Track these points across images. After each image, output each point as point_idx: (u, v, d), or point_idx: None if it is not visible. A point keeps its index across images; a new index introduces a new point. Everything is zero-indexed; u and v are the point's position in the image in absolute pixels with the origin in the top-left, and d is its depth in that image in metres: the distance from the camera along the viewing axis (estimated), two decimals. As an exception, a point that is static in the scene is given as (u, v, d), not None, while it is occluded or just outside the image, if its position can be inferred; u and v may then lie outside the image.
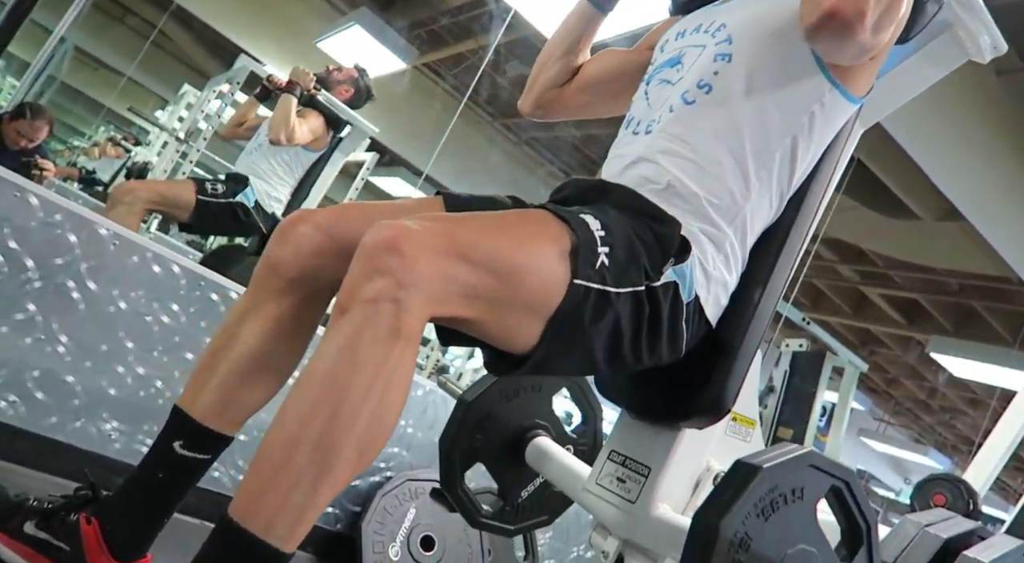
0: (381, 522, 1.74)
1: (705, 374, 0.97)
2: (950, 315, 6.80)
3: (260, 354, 0.91)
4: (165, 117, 6.84)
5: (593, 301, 0.81)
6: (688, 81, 1.00)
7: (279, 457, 0.68)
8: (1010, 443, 2.47)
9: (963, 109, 3.60)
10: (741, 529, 0.76)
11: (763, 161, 0.96)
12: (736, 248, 0.96)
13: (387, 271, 0.69)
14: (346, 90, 3.23)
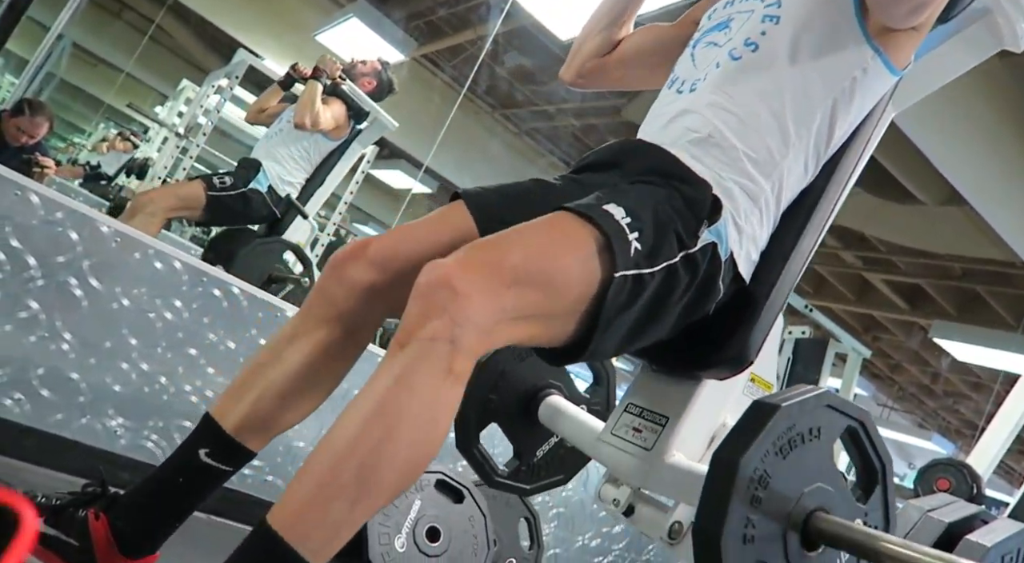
0: (386, 514, 1.75)
1: (731, 327, 1.00)
2: (953, 300, 6.80)
3: (301, 378, 0.94)
4: (164, 113, 6.83)
5: (631, 286, 0.84)
6: (735, 41, 1.03)
7: (324, 473, 0.70)
8: (1013, 427, 2.48)
9: (966, 93, 3.58)
10: (760, 466, 0.77)
11: (803, 121, 0.99)
12: (771, 204, 0.99)
13: (443, 311, 0.73)
14: (369, 82, 3.27)
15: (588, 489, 2.22)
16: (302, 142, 3.11)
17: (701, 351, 1.01)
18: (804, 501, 0.80)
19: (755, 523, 0.77)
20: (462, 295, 0.73)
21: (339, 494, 0.69)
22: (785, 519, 0.79)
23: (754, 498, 0.77)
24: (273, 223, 3.12)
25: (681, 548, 1.06)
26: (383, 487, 0.71)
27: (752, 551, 0.76)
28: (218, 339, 1.61)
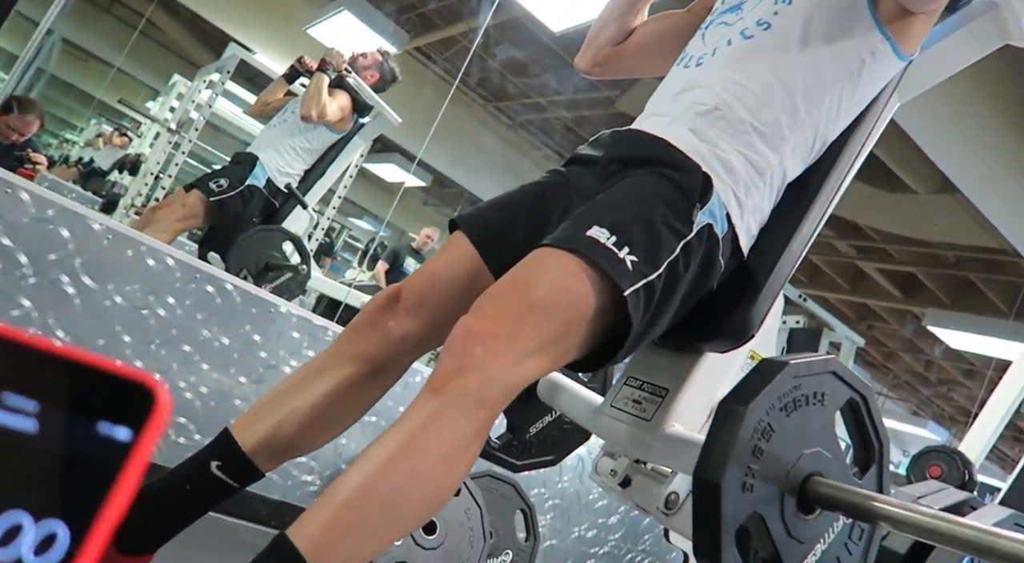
0: (383, 507, 1.76)
1: (733, 300, 1.01)
2: (947, 288, 6.83)
3: (323, 410, 0.97)
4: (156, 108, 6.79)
5: (646, 296, 0.87)
6: (748, 19, 1.05)
7: (351, 500, 0.73)
8: (1004, 414, 2.50)
9: (959, 82, 3.58)
10: (765, 418, 0.79)
11: (813, 100, 1.00)
12: (776, 178, 1.01)
13: (474, 367, 0.79)
14: (372, 75, 3.28)
15: (584, 481, 2.24)
16: (306, 133, 3.12)
17: (704, 323, 1.03)
18: (803, 463, 0.81)
19: (755, 473, 0.78)
20: (492, 352, 0.80)
21: (362, 523, 0.73)
22: (784, 478, 0.80)
23: (756, 449, 0.78)
24: (272, 212, 3.13)
25: (677, 519, 1.07)
26: (402, 521, 0.76)
27: (749, 501, 0.77)
28: (212, 335, 1.61)
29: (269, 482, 1.69)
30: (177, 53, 8.75)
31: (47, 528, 0.18)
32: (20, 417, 0.19)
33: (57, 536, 0.18)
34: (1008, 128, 3.87)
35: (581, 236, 0.87)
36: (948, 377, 9.37)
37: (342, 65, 3.07)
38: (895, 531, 0.76)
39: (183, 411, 1.58)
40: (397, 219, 8.88)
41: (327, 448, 1.77)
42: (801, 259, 1.06)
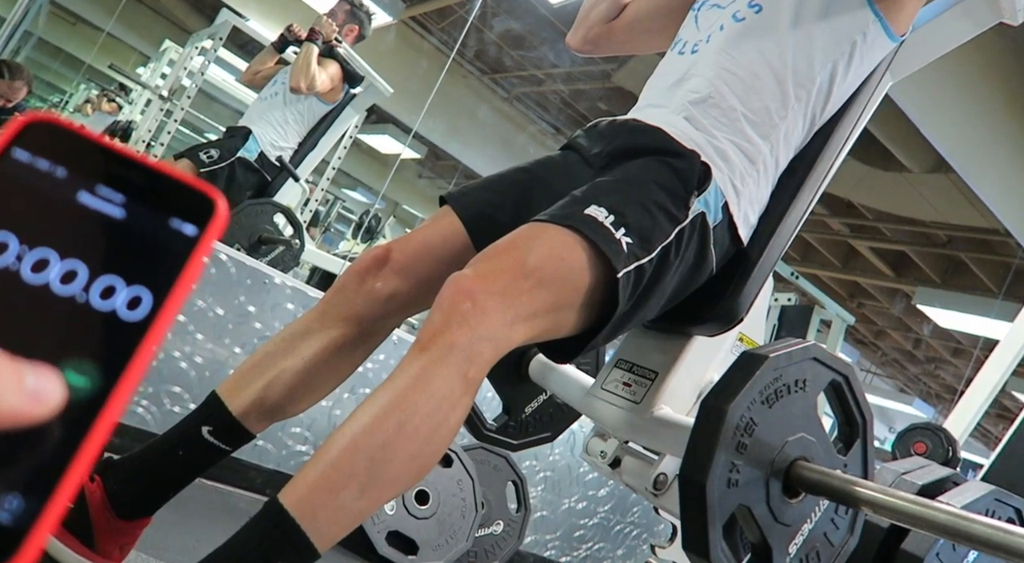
0: (376, 477, 1.78)
1: (722, 285, 1.02)
2: (938, 266, 6.87)
3: (313, 372, 0.97)
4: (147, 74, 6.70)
5: (635, 278, 0.87)
6: (740, 3, 1.04)
7: (339, 460, 0.73)
8: (989, 392, 2.53)
9: (955, 61, 3.58)
10: (747, 414, 0.80)
11: (803, 83, 1.01)
12: (770, 165, 1.01)
13: (464, 322, 0.78)
14: (351, 30, 3.22)
15: (575, 453, 2.27)
16: (296, 105, 3.08)
17: (693, 307, 1.03)
18: (787, 449, 0.83)
19: (739, 468, 0.79)
20: (481, 308, 0.79)
21: (349, 482, 0.72)
22: (768, 466, 0.82)
23: (740, 445, 0.79)
24: (263, 185, 3.11)
25: (665, 499, 1.09)
26: (391, 479, 0.75)
27: (736, 494, 0.79)
28: (207, 305, 1.62)
29: (264, 451, 1.71)
30: (168, 18, 8.60)
31: (135, 291, 0.23)
32: (111, 205, 0.23)
33: (142, 298, 0.22)
34: (1004, 108, 3.87)
35: (579, 213, 0.87)
36: (936, 355, 9.47)
37: (332, 34, 3.03)
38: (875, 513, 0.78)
39: (177, 380, 1.59)
40: (392, 192, 8.83)
41: (322, 418, 1.79)
42: (791, 242, 1.07)
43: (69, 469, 0.20)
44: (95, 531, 0.88)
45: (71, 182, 0.23)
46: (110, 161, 0.23)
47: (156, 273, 0.23)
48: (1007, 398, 8.23)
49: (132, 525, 0.91)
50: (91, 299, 0.22)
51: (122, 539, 0.90)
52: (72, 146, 0.23)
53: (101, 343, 0.22)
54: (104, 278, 0.22)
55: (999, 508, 1.07)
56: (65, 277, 0.22)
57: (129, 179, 0.23)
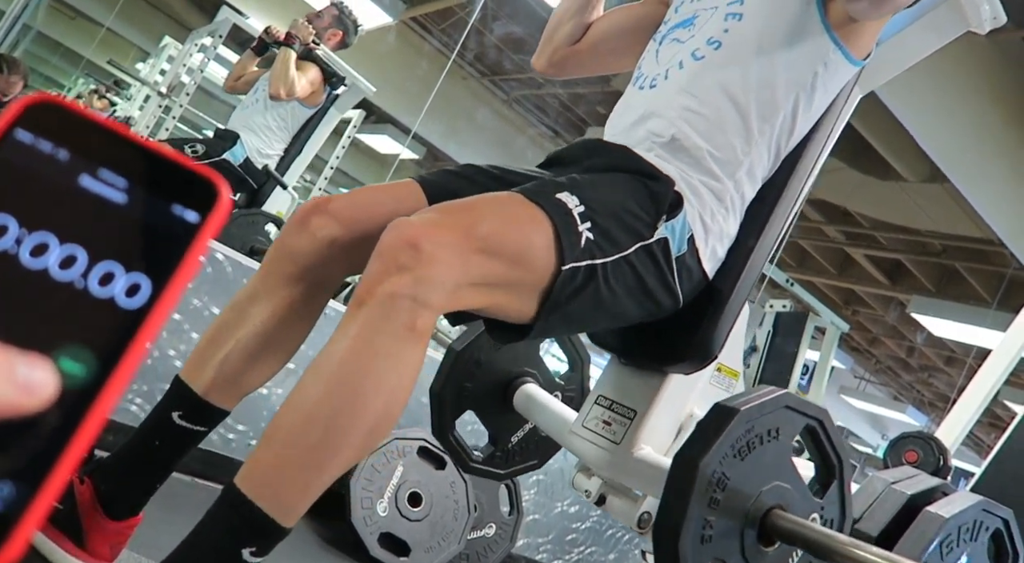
0: (369, 479, 1.78)
1: (694, 321, 1.00)
2: (932, 275, 6.89)
3: (268, 336, 0.94)
4: (146, 70, 6.69)
5: (584, 277, 0.84)
6: (699, 39, 1.03)
7: (291, 435, 0.70)
8: (981, 402, 2.54)
9: (950, 70, 3.59)
10: (719, 469, 0.80)
11: (766, 117, 1.00)
12: (736, 200, 1.01)
13: (406, 268, 0.71)
14: (334, 35, 3.18)
15: (568, 457, 2.27)
16: (278, 110, 3.04)
17: (666, 347, 1.03)
18: (762, 499, 0.83)
19: (713, 523, 0.79)
20: (427, 255, 0.72)
21: (307, 457, 0.70)
22: (742, 516, 0.82)
23: (712, 500, 0.79)
24: (252, 194, 3.09)
25: (651, 536, 1.09)
26: (350, 447, 0.71)
27: (709, 549, 0.79)
28: (202, 304, 1.62)
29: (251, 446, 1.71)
30: (169, 14, 8.59)
31: (134, 278, 0.22)
32: (113, 190, 0.23)
33: (141, 286, 0.22)
34: (999, 119, 3.89)
35: (550, 195, 0.86)
36: (929, 363, 9.50)
37: (309, 37, 2.97)
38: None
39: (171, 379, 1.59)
40: (388, 191, 8.80)
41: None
42: (761, 272, 1.06)
43: (62, 457, 0.20)
44: (86, 531, 0.88)
45: (73, 165, 0.22)
46: (114, 144, 0.23)
47: (156, 260, 0.22)
48: (999, 407, 8.26)
49: (123, 525, 0.91)
50: (90, 285, 0.22)
51: (113, 539, 0.90)
52: (75, 128, 0.23)
53: (98, 330, 0.21)
54: (104, 264, 0.22)
55: (987, 519, 1.08)
56: (64, 262, 0.22)
57: (132, 163, 0.23)
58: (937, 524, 1.02)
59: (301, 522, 1.97)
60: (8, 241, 0.21)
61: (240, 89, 3.29)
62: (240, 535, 0.71)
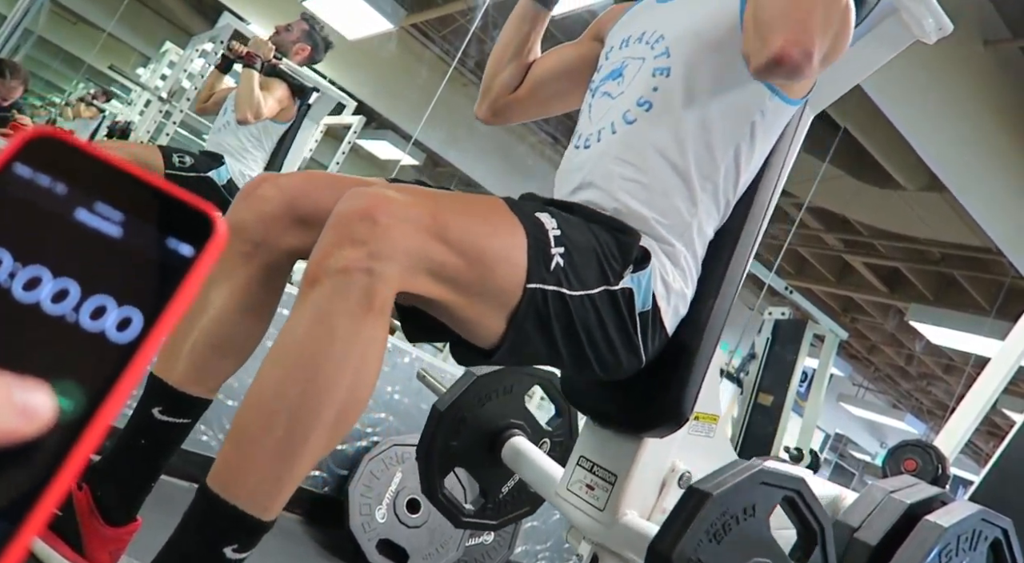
0: (368, 485, 1.78)
1: (663, 383, 0.98)
2: (931, 284, 6.90)
3: (229, 320, 0.92)
4: (147, 75, 6.70)
5: (551, 303, 0.82)
6: (628, 98, 0.99)
7: (256, 429, 0.69)
8: (980, 410, 2.54)
9: (949, 79, 3.61)
10: (694, 555, 0.78)
11: (707, 173, 0.96)
12: (690, 260, 0.97)
13: (360, 240, 0.68)
14: (302, 50, 3.09)
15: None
16: (250, 130, 2.97)
17: (637, 412, 1.01)
18: None
19: None
20: (383, 227, 0.69)
21: (274, 451, 0.68)
22: None
23: None
24: None
25: None
26: (319, 436, 0.69)
27: None
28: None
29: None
30: (170, 20, 8.61)
31: (126, 312, 0.22)
32: (108, 223, 0.23)
33: (132, 320, 0.22)
34: (998, 128, 3.91)
35: (530, 211, 0.85)
36: (928, 371, 9.50)
37: (269, 54, 2.87)
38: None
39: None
40: (388, 196, 8.82)
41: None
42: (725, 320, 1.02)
43: (46, 491, 0.20)
44: (84, 538, 0.88)
45: (70, 199, 0.23)
46: (111, 178, 0.23)
47: (149, 294, 0.22)
48: (998, 415, 8.26)
49: (121, 531, 0.91)
50: (81, 319, 0.22)
51: (112, 545, 0.90)
52: (74, 162, 0.23)
53: (88, 364, 0.21)
54: (95, 298, 0.22)
55: (986, 528, 1.08)
56: (56, 296, 0.22)
57: (129, 196, 0.23)
58: (936, 533, 1.02)
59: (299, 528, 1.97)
60: (2, 275, 0.22)
61: (210, 110, 3.22)
62: (219, 534, 0.70)
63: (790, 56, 0.79)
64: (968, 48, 3.48)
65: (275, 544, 1.62)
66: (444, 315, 0.80)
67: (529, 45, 1.23)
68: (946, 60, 3.50)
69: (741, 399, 4.59)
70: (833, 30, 0.82)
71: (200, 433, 1.75)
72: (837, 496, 1.37)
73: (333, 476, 1.90)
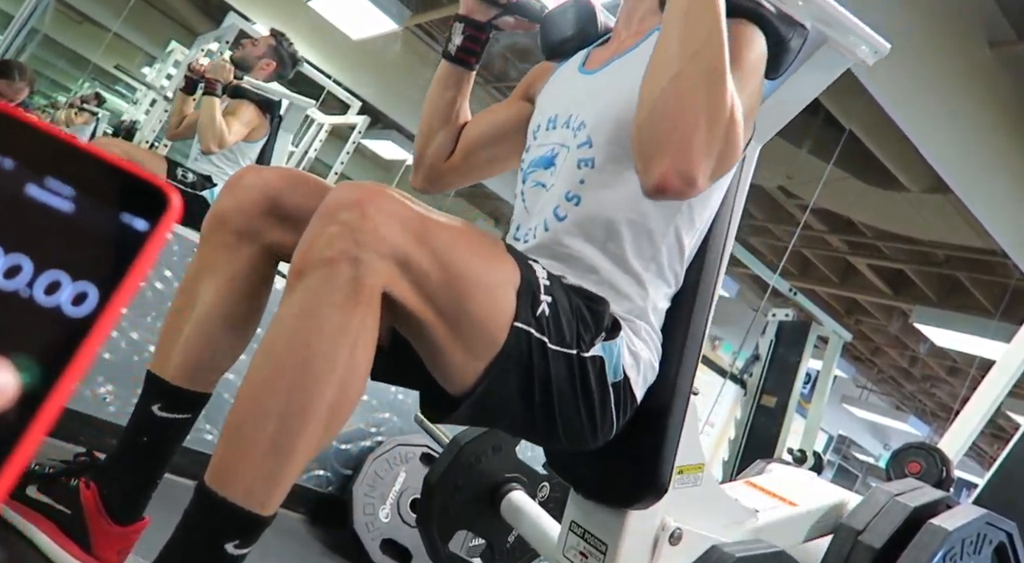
0: (372, 485, 1.79)
1: (638, 457, 0.97)
2: (935, 286, 6.89)
3: (219, 314, 0.91)
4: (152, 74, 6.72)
5: (534, 350, 0.80)
6: (558, 192, 0.97)
7: (249, 426, 0.69)
8: (985, 413, 2.54)
9: (954, 82, 3.60)
10: None
11: (650, 257, 0.94)
12: (651, 331, 0.96)
13: (346, 230, 0.68)
14: (267, 65, 3.00)
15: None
16: (224, 154, 2.89)
17: (616, 485, 1.00)
18: None
19: None
20: (370, 218, 0.68)
21: (268, 447, 0.68)
22: None
23: None
24: None
25: None
26: (313, 431, 0.69)
27: None
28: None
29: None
30: (176, 19, 8.63)
31: (81, 287, 0.22)
32: (59, 199, 0.23)
33: (88, 294, 0.22)
34: (1002, 131, 3.90)
35: (523, 258, 0.84)
36: (932, 374, 9.48)
37: (229, 76, 2.77)
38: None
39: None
40: (392, 196, 8.82)
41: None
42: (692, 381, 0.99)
43: (5, 468, 0.20)
44: (92, 537, 0.89)
45: (19, 174, 0.22)
46: (61, 152, 0.23)
47: (104, 268, 0.22)
48: (1002, 418, 8.23)
49: (128, 530, 0.92)
50: (35, 294, 0.22)
51: (119, 544, 0.90)
52: (22, 136, 0.23)
53: (44, 340, 0.21)
54: (49, 273, 0.22)
55: (991, 532, 1.08)
56: (9, 272, 0.22)
57: (80, 171, 0.23)
58: (940, 537, 1.02)
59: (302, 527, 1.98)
60: None
61: (184, 135, 3.14)
62: (220, 531, 0.70)
63: (672, 185, 0.76)
64: (973, 50, 3.47)
65: (278, 543, 1.63)
66: (422, 343, 0.78)
67: (456, 109, 1.19)
68: (951, 62, 3.49)
69: (744, 400, 4.59)
70: (718, 148, 0.77)
71: (204, 432, 1.75)
72: (841, 499, 1.37)
73: (337, 475, 1.91)
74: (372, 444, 1.93)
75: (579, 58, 1.11)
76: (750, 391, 4.57)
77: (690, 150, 0.75)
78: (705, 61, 0.76)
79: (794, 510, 1.24)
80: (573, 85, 1.06)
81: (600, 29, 1.14)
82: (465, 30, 1.14)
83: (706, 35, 0.77)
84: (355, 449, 1.95)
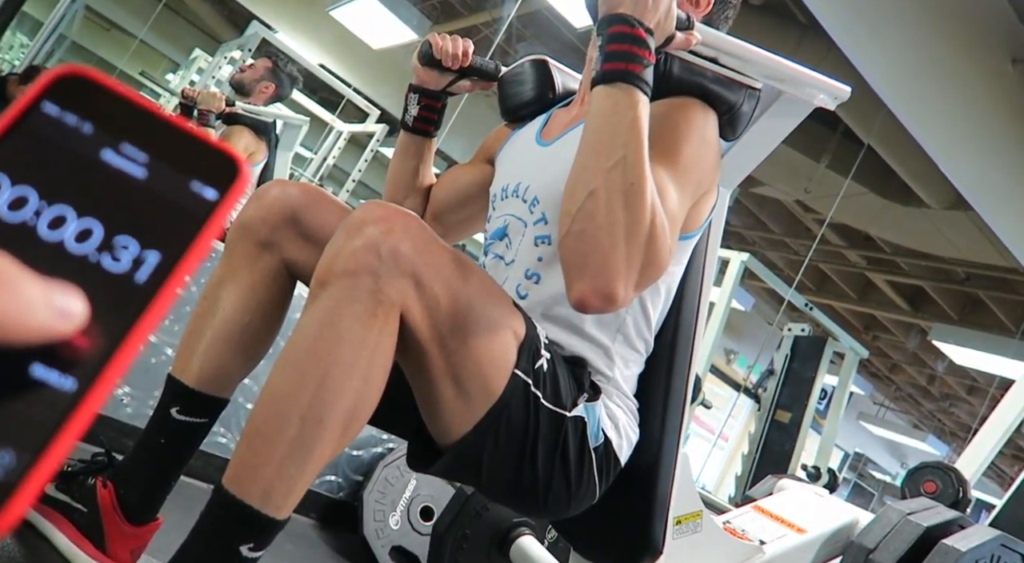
0: (382, 492, 1.79)
1: (630, 519, 0.96)
2: (955, 303, 6.81)
3: (240, 321, 0.93)
4: (176, 81, 6.82)
5: (530, 402, 0.81)
6: (518, 268, 0.98)
7: (269, 430, 0.70)
8: (1004, 433, 2.51)
9: (976, 98, 3.57)
10: None
11: (615, 329, 0.95)
12: (623, 398, 0.96)
13: (370, 244, 0.70)
14: (266, 87, 2.99)
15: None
16: None
17: (611, 549, 0.99)
18: None
19: None
20: (396, 235, 0.70)
21: (286, 452, 0.69)
22: None
23: None
24: None
25: None
26: (330, 438, 0.71)
27: None
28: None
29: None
30: (200, 27, 8.76)
31: (148, 253, 0.22)
32: (133, 164, 0.23)
33: (154, 261, 0.22)
34: (1022, 147, 3.86)
35: (526, 312, 0.85)
36: (951, 392, 9.35)
37: (221, 105, 2.74)
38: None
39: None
40: (409, 204, 8.88)
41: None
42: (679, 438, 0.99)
43: (64, 428, 0.20)
44: (107, 536, 0.90)
45: (96, 138, 0.23)
46: (138, 118, 0.23)
47: (171, 236, 0.22)
48: (1022, 438, 8.10)
49: (143, 530, 0.93)
50: (103, 259, 0.22)
51: (133, 543, 0.91)
52: (102, 101, 0.23)
53: (108, 304, 0.21)
54: (119, 238, 0.22)
55: (1004, 554, 1.07)
56: (80, 235, 0.22)
57: (155, 138, 0.23)
58: (953, 558, 1.01)
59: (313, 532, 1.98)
60: (28, 213, 0.22)
61: None
62: (235, 534, 0.72)
63: (592, 304, 0.76)
64: (996, 66, 3.44)
65: (289, 547, 1.64)
66: (420, 378, 0.79)
67: (420, 177, 1.20)
68: (973, 78, 3.47)
69: (759, 415, 4.55)
70: (639, 263, 0.76)
71: (219, 436, 1.77)
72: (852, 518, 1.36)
73: (348, 481, 1.92)
74: (383, 450, 1.94)
75: (538, 123, 1.11)
76: (764, 406, 4.53)
77: (607, 270, 0.74)
78: (622, 177, 0.75)
79: (801, 538, 1.22)
80: (527, 155, 1.07)
81: (560, 90, 1.14)
82: (420, 100, 1.15)
83: (622, 148, 0.75)
84: (367, 455, 1.96)
